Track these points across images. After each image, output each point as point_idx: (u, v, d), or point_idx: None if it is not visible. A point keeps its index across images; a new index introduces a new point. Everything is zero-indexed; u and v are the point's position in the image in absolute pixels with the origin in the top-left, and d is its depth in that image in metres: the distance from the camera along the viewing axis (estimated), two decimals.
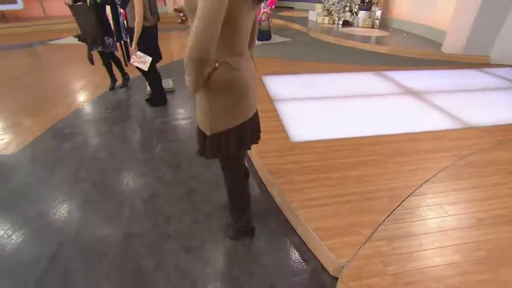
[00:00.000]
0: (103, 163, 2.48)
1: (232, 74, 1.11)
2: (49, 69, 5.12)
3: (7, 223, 1.85)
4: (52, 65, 5.40)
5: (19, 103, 3.61)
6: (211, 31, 0.88)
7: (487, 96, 3.56)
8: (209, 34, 0.88)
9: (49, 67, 5.30)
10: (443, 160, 2.20)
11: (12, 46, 6.70)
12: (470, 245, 1.50)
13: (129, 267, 1.56)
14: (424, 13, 6.87)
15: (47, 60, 5.81)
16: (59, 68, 5.15)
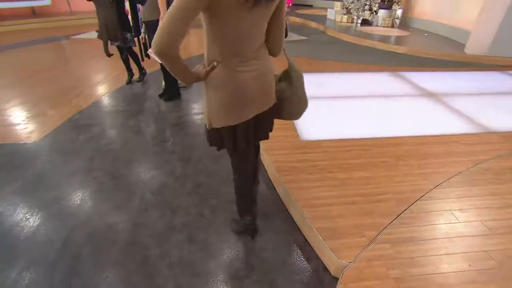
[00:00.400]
0: (116, 154, 2.56)
1: (226, 74, 1.12)
2: (72, 62, 5.34)
3: (26, 207, 1.95)
4: (75, 58, 5.63)
5: (43, 94, 3.78)
6: (173, 29, 0.90)
7: (510, 100, 3.39)
8: (169, 31, 0.90)
9: (72, 60, 5.52)
10: (457, 165, 2.13)
11: (40, 40, 7.00)
12: (479, 254, 1.45)
13: (135, 255, 1.61)
14: (448, 12, 6.63)
15: (70, 54, 6.04)
16: (81, 61, 5.35)
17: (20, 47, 6.33)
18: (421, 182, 1.94)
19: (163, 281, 1.47)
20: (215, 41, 1.08)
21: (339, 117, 2.93)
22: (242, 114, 1.20)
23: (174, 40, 0.92)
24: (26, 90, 3.92)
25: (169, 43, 0.92)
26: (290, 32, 7.13)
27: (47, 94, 3.77)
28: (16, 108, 3.40)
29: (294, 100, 1.35)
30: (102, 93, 3.83)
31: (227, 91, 1.15)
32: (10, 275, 1.50)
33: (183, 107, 3.53)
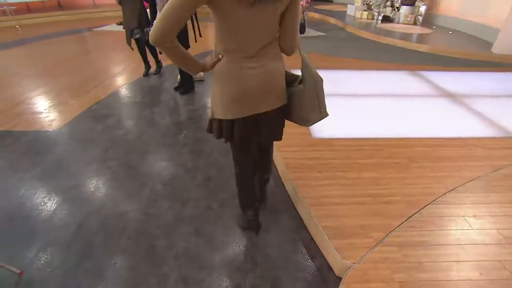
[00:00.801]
0: (130, 145, 2.63)
1: (229, 69, 1.15)
2: (92, 54, 5.51)
3: (45, 192, 2.05)
4: (96, 50, 5.80)
5: (65, 84, 3.93)
6: (168, 22, 0.96)
7: None
8: (164, 24, 0.96)
9: (93, 51, 5.70)
10: (474, 169, 2.05)
11: (64, 32, 7.26)
12: (492, 263, 1.40)
13: (143, 245, 1.66)
14: (476, 9, 6.31)
15: (92, 45, 6.23)
16: (102, 53, 5.51)
17: (46, 38, 6.59)
18: (434, 186, 1.88)
19: (169, 271, 1.51)
20: (220, 36, 1.11)
21: (354, 116, 2.87)
22: (241, 110, 1.20)
23: (167, 32, 0.98)
24: (50, 80, 4.09)
25: (163, 35, 0.98)
26: (308, 28, 7.02)
27: (69, 84, 3.92)
28: (41, 97, 3.55)
29: (304, 104, 1.26)
30: (120, 85, 3.94)
31: (228, 85, 1.17)
32: (28, 255, 1.58)
33: (197, 101, 3.57)
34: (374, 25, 7.69)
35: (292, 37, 1.18)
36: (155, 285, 1.44)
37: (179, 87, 3.72)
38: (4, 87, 3.82)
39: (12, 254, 1.59)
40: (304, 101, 1.26)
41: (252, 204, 1.65)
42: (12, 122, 2.95)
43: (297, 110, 1.30)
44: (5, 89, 3.75)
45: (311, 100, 1.24)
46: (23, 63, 4.91)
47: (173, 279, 1.47)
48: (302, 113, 1.30)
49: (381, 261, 1.39)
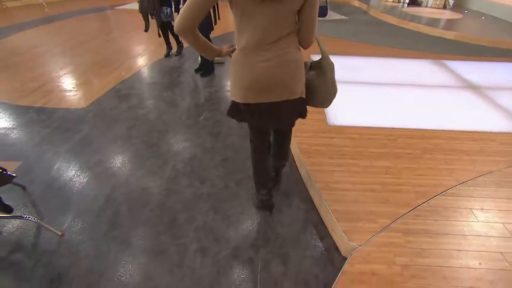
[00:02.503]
0: (152, 124, 2.78)
1: (244, 59, 1.24)
2: (114, 33, 5.63)
3: (76, 166, 2.24)
4: (117, 29, 5.92)
5: (90, 63, 4.09)
6: (190, 16, 1.08)
7: None
8: (188, 16, 1.08)
9: (114, 31, 5.82)
10: (488, 163, 2.06)
11: (87, 10, 7.41)
12: (492, 254, 1.46)
13: (165, 217, 1.82)
14: None
15: (113, 24, 6.35)
16: (123, 32, 5.63)
17: (71, 16, 6.76)
18: (445, 178, 1.93)
19: (188, 242, 1.67)
20: (236, 29, 1.21)
21: (371, 104, 2.88)
22: (252, 96, 1.29)
23: (190, 25, 1.10)
24: (75, 59, 4.26)
25: (186, 27, 1.10)
26: (330, 10, 6.81)
27: (93, 63, 4.08)
28: (68, 75, 3.74)
29: (323, 89, 1.39)
30: (141, 65, 4.06)
31: (241, 74, 1.27)
32: (65, 220, 1.78)
33: (216, 83, 3.65)
34: (399, 9, 7.34)
35: (308, 31, 1.22)
36: (176, 253, 1.60)
37: (199, 69, 3.80)
38: (36, 65, 4.03)
39: (52, 219, 1.79)
40: (324, 87, 1.40)
41: (266, 185, 1.76)
42: (44, 99, 3.16)
43: (316, 95, 1.41)
44: (37, 67, 3.96)
45: (330, 85, 1.40)
46: (50, 42, 5.11)
47: (192, 249, 1.63)
48: (321, 97, 1.43)
49: (384, 245, 1.49)
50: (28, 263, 1.54)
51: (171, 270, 1.52)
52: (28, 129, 2.67)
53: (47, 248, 1.62)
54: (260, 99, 1.29)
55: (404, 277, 1.35)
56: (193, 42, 1.19)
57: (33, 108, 3.00)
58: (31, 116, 2.87)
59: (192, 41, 1.18)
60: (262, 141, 1.60)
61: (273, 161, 1.81)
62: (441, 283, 1.33)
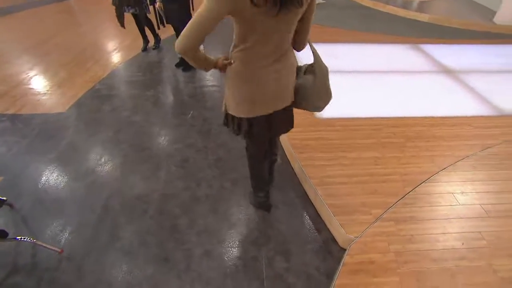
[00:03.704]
0: (138, 126, 2.72)
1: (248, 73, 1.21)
2: (83, 26, 5.28)
3: (66, 176, 2.17)
4: (85, 21, 5.54)
5: (61, 62, 3.85)
6: (194, 36, 1.01)
7: None
8: (191, 37, 1.01)
9: (83, 24, 5.45)
10: (465, 148, 2.22)
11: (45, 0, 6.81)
12: (473, 234, 1.62)
13: (166, 224, 1.84)
14: None
15: (80, 16, 5.93)
16: (92, 25, 5.28)
17: (27, 8, 6.22)
18: (427, 165, 2.07)
19: (193, 246, 1.71)
20: (241, 41, 1.15)
21: (353, 94, 2.96)
22: (255, 109, 1.29)
23: (194, 44, 1.03)
24: (44, 58, 3.99)
25: (190, 47, 1.03)
26: None
27: (66, 61, 3.85)
28: (39, 76, 3.51)
29: (315, 93, 1.38)
30: (119, 61, 3.88)
31: (246, 88, 1.24)
32: (63, 235, 1.75)
33: (199, 78, 3.58)
34: None
35: (306, 34, 1.24)
36: (182, 259, 1.64)
37: (180, 63, 3.69)
38: None
39: (47, 236, 1.75)
40: (316, 90, 1.38)
41: (264, 188, 1.82)
42: (17, 104, 2.97)
43: (309, 99, 1.41)
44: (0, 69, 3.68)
45: (323, 89, 1.38)
46: (9, 38, 4.72)
47: (197, 253, 1.67)
48: (315, 101, 1.42)
49: (379, 235, 1.61)
50: (31, 283, 1.52)
51: (179, 276, 1.57)
52: (4, 139, 2.52)
53: (48, 265, 1.60)
54: (268, 111, 1.31)
55: (398, 263, 1.48)
56: (194, 61, 1.13)
57: (6, 115, 2.83)
58: (4, 125, 2.70)
59: (194, 59, 1.12)
60: (260, 150, 1.62)
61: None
62: (430, 265, 1.47)
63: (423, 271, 1.45)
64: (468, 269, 1.46)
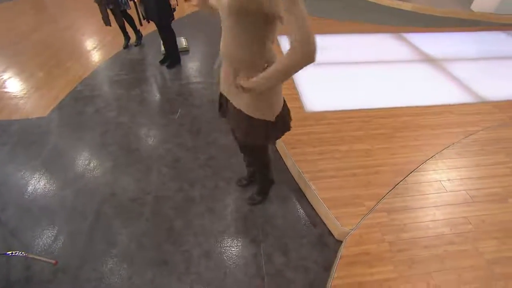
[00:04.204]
0: (126, 127, 2.65)
1: None
2: (58, 23, 5.01)
3: (53, 183, 2.10)
4: (60, 17, 5.27)
5: (38, 62, 3.66)
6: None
7: (508, 66, 3.45)
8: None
9: (57, 19, 5.17)
10: (449, 136, 2.30)
11: None
12: (459, 220, 1.70)
13: (162, 226, 1.83)
14: None
15: (53, 12, 5.62)
16: (68, 21, 5.03)
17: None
18: (415, 154, 2.13)
19: (191, 247, 1.71)
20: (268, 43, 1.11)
21: (340, 86, 2.99)
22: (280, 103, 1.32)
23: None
24: (18, 58, 3.79)
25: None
26: None
27: (43, 61, 3.67)
28: (15, 79, 3.34)
29: None
30: (100, 60, 3.73)
31: (279, 89, 1.28)
32: (56, 245, 1.71)
33: (185, 75, 3.50)
34: None
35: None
36: (181, 261, 1.64)
37: (164, 60, 3.60)
38: None
39: (39, 248, 1.71)
40: None
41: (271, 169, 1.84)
42: None
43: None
44: None
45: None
46: None
47: (195, 254, 1.67)
48: None
49: (373, 226, 1.66)
50: None
51: (179, 278, 1.57)
52: None
53: (42, 278, 1.57)
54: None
55: (393, 252, 1.54)
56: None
57: None
58: None
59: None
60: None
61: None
62: (422, 252, 1.54)
63: (416, 258, 1.52)
64: (456, 254, 1.54)
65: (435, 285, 1.42)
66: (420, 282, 1.43)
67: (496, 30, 4.41)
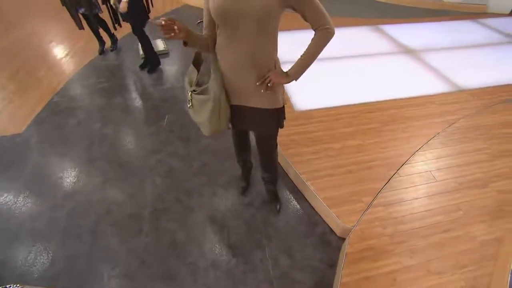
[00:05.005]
0: (112, 139, 2.55)
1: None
2: (25, 27, 4.67)
3: (42, 205, 1.99)
4: (25, 22, 4.91)
5: (6, 72, 3.42)
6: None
7: (479, 54, 3.63)
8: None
9: (23, 25, 4.82)
10: (433, 126, 2.42)
11: None
12: (450, 207, 1.80)
13: (163, 241, 1.79)
14: None
15: (15, 15, 5.23)
16: (35, 25, 4.71)
17: None
18: (404, 146, 2.22)
19: (196, 259, 1.69)
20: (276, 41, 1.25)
21: (326, 82, 3.03)
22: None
23: None
24: None
25: None
26: None
27: (12, 72, 3.43)
28: None
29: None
30: (74, 68, 3.54)
31: None
32: (53, 270, 1.63)
33: (168, 79, 3.41)
34: None
35: None
36: (188, 274, 1.62)
37: (144, 64, 3.47)
38: None
39: (36, 276, 1.62)
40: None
41: None
42: None
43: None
44: None
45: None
46: None
47: (202, 266, 1.66)
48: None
49: (373, 221, 1.72)
50: None
51: None
52: None
53: None
54: None
55: (394, 245, 1.61)
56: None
57: None
58: None
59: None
60: None
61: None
62: (420, 241, 1.62)
63: (416, 248, 1.60)
64: (452, 240, 1.63)
65: (435, 271, 1.50)
66: (421, 270, 1.50)
67: (465, 19, 4.63)
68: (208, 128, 1.43)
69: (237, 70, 1.26)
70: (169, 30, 0.99)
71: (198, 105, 1.42)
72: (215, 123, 1.39)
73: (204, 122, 1.43)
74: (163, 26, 0.95)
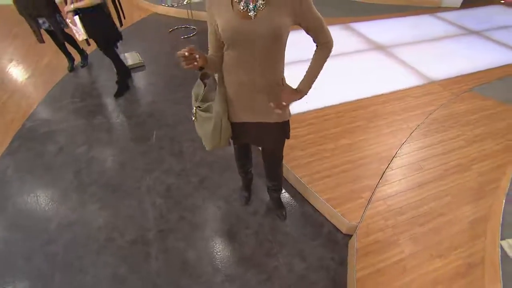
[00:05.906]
0: (100, 162, 2.44)
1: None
2: None
3: (36, 239, 1.87)
4: None
5: None
6: None
7: (440, 46, 3.92)
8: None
9: None
10: (413, 119, 2.60)
11: None
12: (440, 193, 1.97)
13: (174, 262, 1.76)
14: None
15: None
16: None
17: None
18: (391, 140, 2.37)
19: (211, 276, 1.69)
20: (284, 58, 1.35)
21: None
22: None
23: None
24: None
25: None
26: None
27: None
28: None
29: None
30: (44, 89, 3.31)
31: None
32: None
33: (148, 93, 3.31)
34: None
35: None
36: None
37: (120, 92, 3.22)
38: None
39: None
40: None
41: None
42: None
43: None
44: None
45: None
46: None
47: (217, 282, 1.66)
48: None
49: (375, 215, 1.83)
50: None
51: None
52: None
53: None
54: None
55: (397, 235, 1.73)
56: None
57: None
58: None
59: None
60: None
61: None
62: (419, 229, 1.76)
63: (416, 236, 1.72)
64: (445, 224, 1.78)
65: (437, 255, 1.63)
66: (425, 256, 1.63)
67: (423, 13, 4.98)
68: (209, 143, 1.45)
69: (245, 88, 1.27)
70: (192, 61, 0.96)
71: (202, 120, 1.44)
72: (216, 140, 1.42)
73: (206, 136, 1.45)
74: (185, 57, 0.93)
